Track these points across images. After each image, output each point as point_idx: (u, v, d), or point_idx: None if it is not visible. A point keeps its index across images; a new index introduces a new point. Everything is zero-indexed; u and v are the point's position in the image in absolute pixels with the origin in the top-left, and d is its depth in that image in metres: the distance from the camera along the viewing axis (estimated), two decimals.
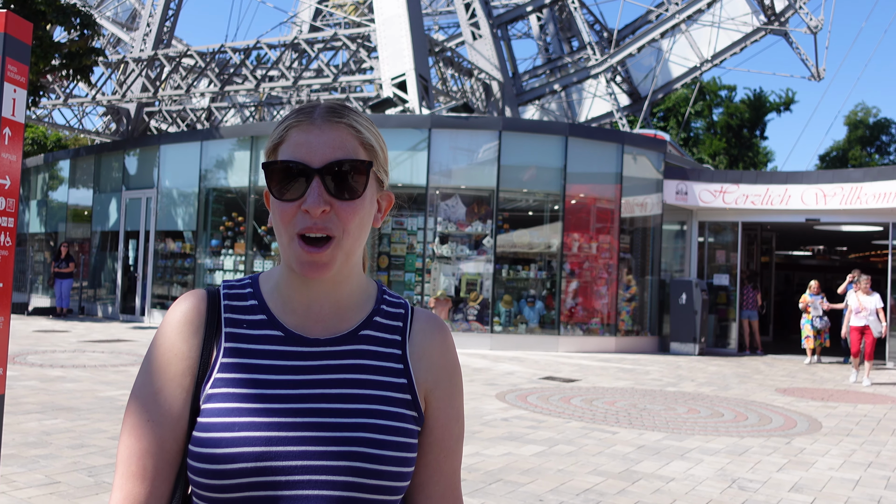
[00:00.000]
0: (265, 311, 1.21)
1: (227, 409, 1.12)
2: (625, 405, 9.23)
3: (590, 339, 15.25)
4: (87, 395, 8.29)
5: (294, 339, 1.18)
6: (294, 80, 19.85)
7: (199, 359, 1.16)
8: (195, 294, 1.22)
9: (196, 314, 1.19)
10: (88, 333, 14.88)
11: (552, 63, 27.92)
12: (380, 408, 1.16)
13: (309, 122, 1.15)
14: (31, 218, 22.65)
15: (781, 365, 14.71)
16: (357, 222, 1.16)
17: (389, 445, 1.14)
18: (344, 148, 1.14)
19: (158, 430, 1.13)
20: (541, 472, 5.93)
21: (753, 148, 43.47)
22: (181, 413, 1.15)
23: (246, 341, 1.18)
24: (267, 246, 16.73)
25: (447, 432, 1.25)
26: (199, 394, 1.15)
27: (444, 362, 1.26)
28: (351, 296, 1.23)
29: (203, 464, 1.09)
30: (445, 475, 1.25)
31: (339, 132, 1.15)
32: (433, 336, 1.27)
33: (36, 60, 15.31)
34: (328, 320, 1.21)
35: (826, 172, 16.40)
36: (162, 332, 1.19)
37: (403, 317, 1.27)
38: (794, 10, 23.26)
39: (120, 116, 25.53)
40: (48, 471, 5.31)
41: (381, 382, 1.19)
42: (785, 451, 7.09)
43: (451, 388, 1.26)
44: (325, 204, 1.12)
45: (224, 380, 1.14)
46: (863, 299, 12.57)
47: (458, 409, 1.27)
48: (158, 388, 1.15)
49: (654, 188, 16.28)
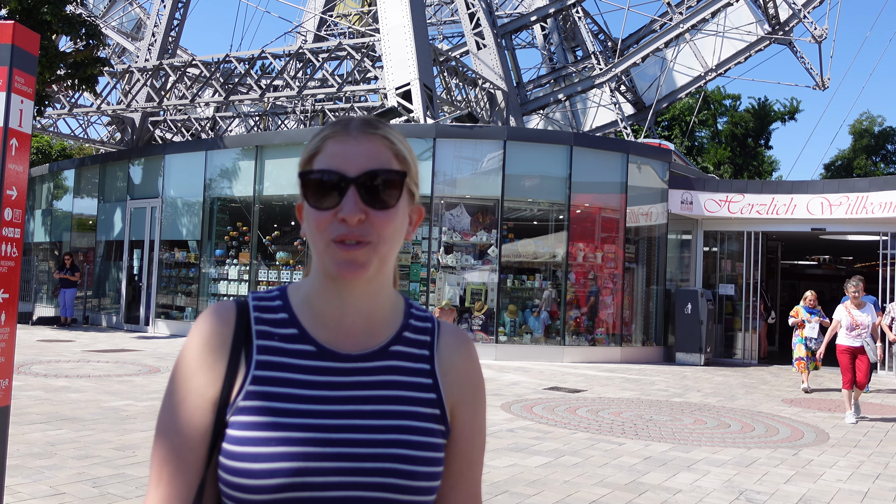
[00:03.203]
0: (296, 324, 1.21)
1: (262, 424, 1.12)
2: (631, 416, 9.18)
3: (595, 350, 15.20)
4: (92, 405, 8.28)
5: (327, 355, 1.19)
6: (298, 89, 19.89)
7: (224, 378, 1.17)
8: (223, 307, 1.23)
9: (220, 336, 1.19)
10: (93, 343, 14.88)
11: (556, 72, 27.96)
12: (411, 423, 1.18)
13: (345, 133, 1.18)
14: (35, 227, 22.70)
15: (787, 375, 14.63)
16: (391, 231, 1.17)
17: (421, 461, 1.16)
18: (379, 159, 1.16)
19: (184, 456, 1.15)
20: (547, 484, 5.89)
21: (758, 157, 43.44)
22: (206, 440, 1.15)
23: (278, 355, 1.19)
24: (271, 256, 16.73)
25: (471, 444, 1.27)
26: (227, 408, 1.16)
27: (469, 375, 1.29)
28: (382, 309, 1.24)
29: (238, 478, 1.10)
30: (468, 485, 1.28)
31: (374, 143, 1.17)
32: (459, 350, 1.29)
33: (41, 70, 15.37)
34: (360, 335, 1.22)
35: (832, 182, 16.38)
36: (184, 359, 1.19)
37: (431, 331, 1.28)
38: (798, 20, 23.28)
39: (125, 126, 25.61)
40: (53, 482, 5.29)
41: (412, 398, 1.21)
42: (792, 463, 7.04)
43: (475, 401, 1.29)
44: (361, 212, 1.13)
45: (257, 394, 1.15)
46: (856, 314, 9.86)
47: (482, 421, 1.30)
48: (182, 421, 1.16)
49: (658, 197, 16.25)
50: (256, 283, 16.50)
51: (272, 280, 16.32)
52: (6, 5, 15.12)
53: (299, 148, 16.46)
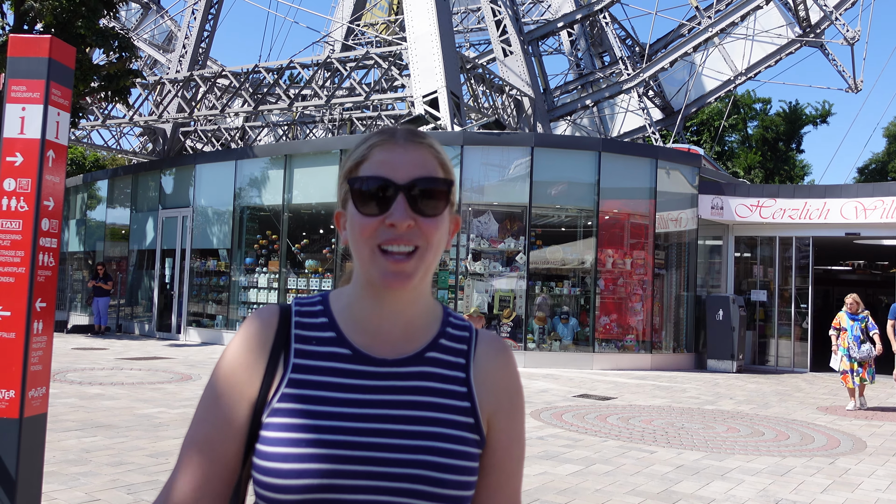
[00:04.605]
0: (335, 328, 1.23)
1: (294, 426, 1.14)
2: (662, 424, 9.08)
3: (624, 357, 15.08)
4: (126, 412, 8.38)
5: (362, 359, 1.20)
6: (327, 98, 20.04)
7: (262, 379, 1.19)
8: (267, 311, 1.26)
9: (261, 338, 1.22)
10: (126, 351, 15.07)
11: (584, 78, 27.87)
12: (443, 431, 1.17)
13: (392, 141, 1.20)
14: (70, 237, 23.07)
15: (822, 382, 14.39)
16: (438, 238, 1.19)
17: (452, 469, 1.15)
18: (426, 167, 1.19)
19: (215, 447, 1.17)
20: (578, 493, 5.84)
21: (789, 161, 42.85)
22: (239, 436, 1.18)
23: (315, 359, 1.20)
24: (300, 264, 16.83)
25: (508, 454, 1.25)
26: (264, 409, 1.17)
27: (506, 385, 1.27)
28: (420, 316, 1.25)
29: (269, 478, 1.12)
30: (506, 496, 1.26)
31: (421, 152, 1.19)
32: (496, 359, 1.28)
33: (76, 83, 15.65)
34: (396, 341, 1.22)
35: (866, 186, 16.11)
36: (226, 357, 1.22)
37: (468, 339, 1.28)
38: (830, 22, 22.97)
39: (156, 136, 25.98)
40: (88, 488, 5.35)
41: (446, 406, 1.20)
42: (829, 472, 6.91)
43: (512, 411, 1.27)
44: (410, 219, 1.15)
45: (292, 396, 1.17)
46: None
47: (520, 431, 1.28)
48: (218, 414, 1.19)
49: (688, 203, 16.11)
50: (286, 291, 16.61)
51: (301, 288, 16.41)
52: (42, 19, 15.43)
53: (327, 157, 16.66)
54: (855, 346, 10.64)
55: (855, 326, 10.71)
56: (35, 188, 3.81)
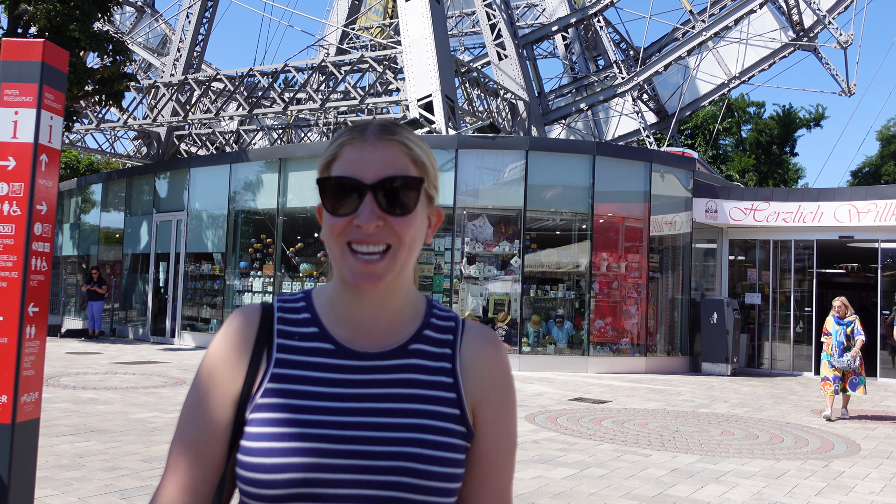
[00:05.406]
0: (317, 323, 1.23)
1: (277, 420, 1.13)
2: (657, 427, 9.09)
3: (619, 360, 15.09)
4: (119, 417, 8.35)
5: (344, 353, 1.20)
6: (321, 102, 20.03)
7: (245, 375, 1.19)
8: (249, 309, 1.25)
9: (243, 335, 1.21)
10: (120, 355, 15.02)
11: (578, 82, 27.91)
12: (428, 423, 1.16)
13: (362, 139, 1.18)
14: (63, 241, 23.01)
15: (817, 386, 14.41)
16: (410, 236, 1.17)
17: (437, 461, 1.14)
18: (395, 165, 1.16)
19: (202, 450, 1.17)
20: (573, 496, 5.84)
21: (783, 165, 42.98)
22: (224, 436, 1.18)
23: (297, 353, 1.20)
24: (295, 268, 16.81)
25: (494, 447, 1.22)
26: (247, 405, 1.17)
27: (493, 375, 1.24)
28: (401, 310, 1.24)
29: (252, 473, 1.11)
30: (492, 491, 1.23)
31: (391, 149, 1.17)
32: (483, 349, 1.26)
33: (69, 86, 15.61)
34: (379, 334, 1.21)
35: (859, 189, 16.18)
36: (209, 356, 1.22)
37: (453, 330, 1.26)
38: (823, 26, 23.08)
39: (151, 140, 25.93)
40: (81, 493, 5.33)
41: (431, 397, 1.19)
42: (823, 475, 6.92)
43: (499, 402, 1.24)
44: (377, 219, 1.14)
45: (274, 391, 1.16)
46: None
47: (508, 423, 1.24)
48: (203, 415, 1.18)
49: (682, 206, 16.14)
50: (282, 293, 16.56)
51: None
52: (36, 23, 15.40)
53: None
54: (836, 353, 10.03)
55: (839, 332, 10.07)
56: (28, 192, 3.80)
